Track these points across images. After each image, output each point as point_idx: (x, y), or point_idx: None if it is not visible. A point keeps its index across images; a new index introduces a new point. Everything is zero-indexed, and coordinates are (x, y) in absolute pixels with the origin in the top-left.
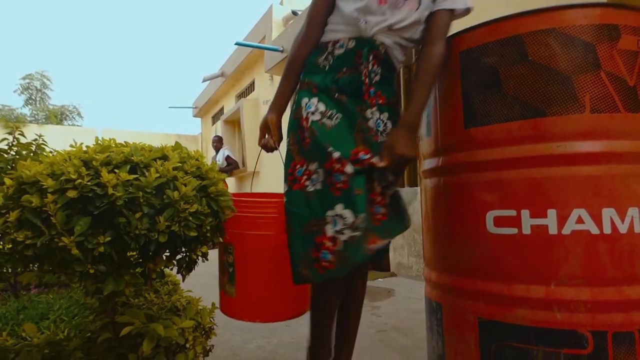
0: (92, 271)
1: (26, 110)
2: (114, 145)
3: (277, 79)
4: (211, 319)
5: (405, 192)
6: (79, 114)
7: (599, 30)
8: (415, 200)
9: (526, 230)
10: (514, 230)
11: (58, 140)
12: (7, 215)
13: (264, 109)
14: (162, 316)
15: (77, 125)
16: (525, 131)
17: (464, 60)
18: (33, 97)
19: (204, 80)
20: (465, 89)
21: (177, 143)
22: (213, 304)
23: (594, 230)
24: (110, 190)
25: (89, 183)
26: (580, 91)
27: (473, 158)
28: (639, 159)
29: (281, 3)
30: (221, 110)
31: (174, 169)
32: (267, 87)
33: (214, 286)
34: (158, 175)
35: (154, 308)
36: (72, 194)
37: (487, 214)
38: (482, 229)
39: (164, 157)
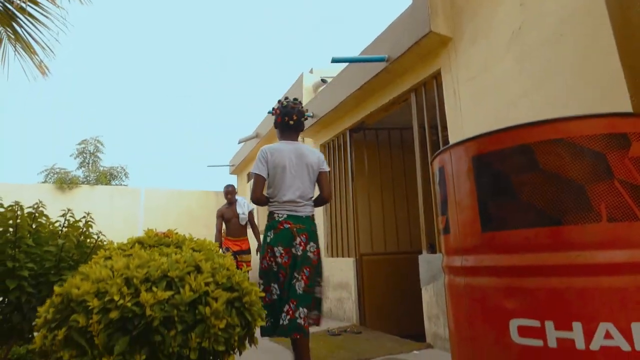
0: None
1: (80, 172)
2: (152, 261)
3: (308, 141)
4: None
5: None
6: (125, 174)
7: (608, 139)
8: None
9: (552, 343)
10: (540, 342)
11: (106, 199)
12: (56, 333)
13: None
14: None
15: (124, 185)
16: (542, 239)
17: (475, 165)
18: (87, 160)
19: (240, 142)
20: (480, 193)
21: (209, 252)
22: None
23: (625, 346)
24: (148, 311)
25: (129, 304)
26: (595, 200)
27: (492, 262)
28: None
29: (311, 71)
30: None
31: (206, 283)
32: None
33: None
34: (191, 292)
35: None
36: (114, 314)
37: (510, 321)
38: (506, 337)
39: (198, 268)
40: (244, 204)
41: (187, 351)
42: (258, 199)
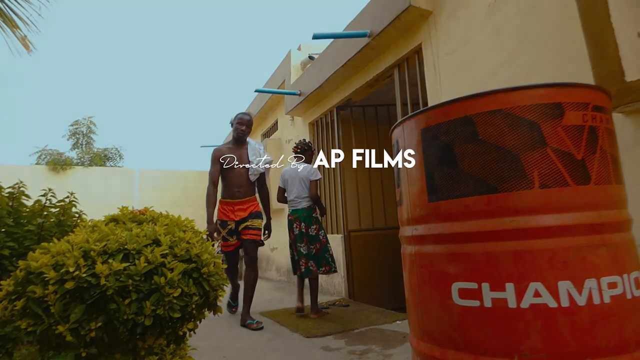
0: (84, 354)
1: (73, 154)
2: (112, 235)
3: (297, 120)
4: None
5: None
6: (120, 156)
7: (543, 109)
8: None
9: (487, 303)
10: (477, 303)
11: (101, 180)
12: (15, 304)
13: (287, 148)
14: None
15: (118, 167)
16: (480, 206)
17: (424, 137)
18: (80, 142)
19: (232, 122)
20: (427, 164)
21: (171, 226)
22: None
23: (552, 303)
24: (103, 281)
25: (84, 275)
26: (528, 168)
27: (437, 230)
28: (593, 230)
29: (299, 48)
30: None
31: (163, 255)
32: (288, 127)
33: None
34: (146, 263)
35: None
36: (69, 285)
37: (452, 285)
38: (449, 300)
39: (157, 242)
40: (260, 151)
41: (142, 318)
42: (279, 200)
